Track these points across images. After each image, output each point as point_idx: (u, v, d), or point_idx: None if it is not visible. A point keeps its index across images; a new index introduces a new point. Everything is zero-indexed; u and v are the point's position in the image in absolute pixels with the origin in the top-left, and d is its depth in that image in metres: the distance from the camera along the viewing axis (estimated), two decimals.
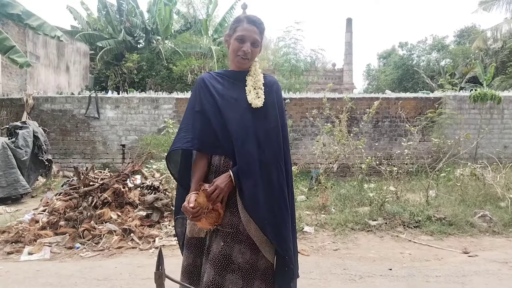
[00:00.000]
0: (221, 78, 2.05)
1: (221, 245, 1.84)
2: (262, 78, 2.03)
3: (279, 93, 2.08)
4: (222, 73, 2.10)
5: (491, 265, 3.77)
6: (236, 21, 2.03)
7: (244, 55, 1.97)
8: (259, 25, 1.99)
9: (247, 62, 2.01)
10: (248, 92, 1.96)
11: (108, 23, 16.45)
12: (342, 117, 6.90)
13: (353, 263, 3.87)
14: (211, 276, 1.81)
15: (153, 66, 15.48)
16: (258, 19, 2.01)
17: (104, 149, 9.88)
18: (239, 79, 2.02)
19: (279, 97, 2.06)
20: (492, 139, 9.88)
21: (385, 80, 24.64)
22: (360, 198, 6.03)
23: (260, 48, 2.04)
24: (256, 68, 2.05)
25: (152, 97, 9.97)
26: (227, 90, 1.97)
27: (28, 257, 4.04)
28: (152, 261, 3.84)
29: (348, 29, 27.32)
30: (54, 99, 9.89)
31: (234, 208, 1.88)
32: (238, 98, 1.96)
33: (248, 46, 1.96)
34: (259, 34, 1.99)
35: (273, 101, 2.00)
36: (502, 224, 5.01)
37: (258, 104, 1.92)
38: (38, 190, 7.58)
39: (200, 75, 2.11)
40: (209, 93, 1.98)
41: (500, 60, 18.48)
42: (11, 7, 8.14)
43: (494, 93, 9.33)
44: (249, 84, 1.99)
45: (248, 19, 1.98)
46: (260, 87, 1.99)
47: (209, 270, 1.83)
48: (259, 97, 1.95)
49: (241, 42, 1.96)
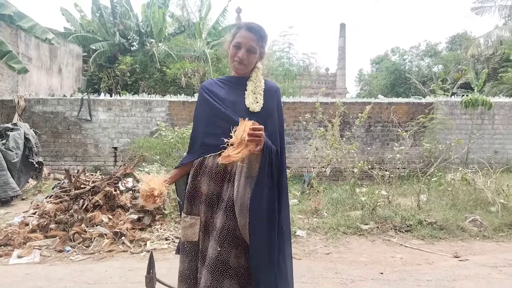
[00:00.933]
0: (222, 83, 2.10)
1: (218, 250, 1.83)
2: (263, 83, 2.05)
3: (280, 100, 2.12)
4: (225, 78, 2.15)
5: (481, 269, 3.80)
6: (236, 28, 2.07)
7: (239, 61, 1.99)
8: (257, 32, 2.00)
9: (243, 68, 2.02)
10: (247, 96, 1.99)
11: (102, 25, 16.39)
12: (335, 121, 6.92)
13: (345, 267, 3.87)
14: (208, 281, 1.81)
15: (146, 68, 15.44)
16: (258, 25, 2.03)
17: (96, 152, 9.82)
18: (240, 84, 2.05)
19: (279, 105, 2.09)
20: (483, 144, 9.98)
21: (377, 85, 24.79)
22: (352, 202, 6.05)
23: (260, 54, 2.05)
24: (258, 74, 2.07)
25: (145, 100, 9.94)
26: (227, 95, 2.02)
27: (17, 260, 3.99)
28: (143, 264, 3.81)
29: (341, 34, 27.50)
30: (46, 101, 9.81)
31: (231, 213, 1.87)
32: (236, 102, 1.98)
33: (243, 53, 1.98)
34: (257, 41, 2.00)
35: (273, 107, 2.03)
36: (493, 228, 5.05)
37: (255, 109, 1.95)
38: (28, 193, 7.50)
39: (202, 83, 2.19)
40: (211, 98, 2.03)
41: (492, 67, 18.70)
42: (3, 7, 8.07)
43: (485, 99, 9.44)
44: (249, 88, 2.01)
45: (247, 26, 2.01)
46: (260, 92, 2.01)
47: (206, 275, 1.82)
48: (258, 102, 1.97)
49: (237, 48, 1.99)
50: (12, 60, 8.48)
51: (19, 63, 8.69)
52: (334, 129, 6.89)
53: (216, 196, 1.93)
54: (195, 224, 1.96)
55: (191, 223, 1.96)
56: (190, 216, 1.98)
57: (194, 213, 1.98)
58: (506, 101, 10.33)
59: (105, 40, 15.99)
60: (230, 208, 1.87)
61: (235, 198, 1.87)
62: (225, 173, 1.92)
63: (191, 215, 1.99)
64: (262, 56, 2.08)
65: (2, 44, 8.28)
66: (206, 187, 1.94)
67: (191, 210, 1.99)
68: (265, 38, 2.04)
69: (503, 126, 10.19)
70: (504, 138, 10.18)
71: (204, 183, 1.95)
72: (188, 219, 1.98)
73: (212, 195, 1.93)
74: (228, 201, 1.88)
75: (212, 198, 1.93)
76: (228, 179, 1.91)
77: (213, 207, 1.93)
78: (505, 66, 17.37)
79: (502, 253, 4.33)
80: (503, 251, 4.39)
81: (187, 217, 1.99)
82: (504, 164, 7.95)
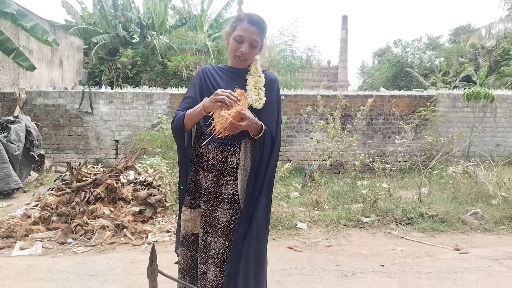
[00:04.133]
0: (222, 72, 2.03)
1: (225, 244, 1.83)
2: (263, 77, 1.99)
3: (279, 91, 2.08)
4: (223, 68, 2.07)
5: (481, 262, 3.81)
6: (237, 19, 1.98)
7: (242, 56, 1.93)
8: (260, 25, 1.93)
9: (244, 63, 1.98)
10: (249, 91, 1.92)
11: (103, 17, 16.34)
12: (336, 114, 6.91)
13: (346, 259, 3.89)
14: (218, 275, 1.81)
15: (147, 61, 15.40)
16: (260, 18, 1.95)
17: (97, 145, 9.83)
18: (239, 75, 2.00)
19: (279, 96, 2.06)
20: (485, 138, 9.95)
21: (379, 78, 24.73)
22: (353, 195, 6.05)
23: (260, 48, 2.01)
24: (257, 67, 2.01)
25: (146, 93, 9.92)
26: (227, 85, 1.93)
27: (19, 252, 4.02)
28: (145, 256, 3.83)
29: (343, 26, 27.29)
30: (47, 94, 9.81)
31: (237, 207, 1.88)
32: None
33: (246, 47, 1.91)
34: (259, 34, 1.94)
35: (274, 99, 1.99)
36: (493, 221, 5.06)
37: (258, 106, 1.90)
38: (30, 185, 7.53)
39: (202, 67, 2.08)
40: (211, 85, 1.95)
41: (494, 59, 18.60)
42: (5, 5, 8.03)
43: (487, 91, 9.39)
44: (250, 83, 1.95)
45: (249, 19, 1.93)
46: (261, 87, 1.95)
47: (215, 269, 1.82)
48: (260, 99, 1.92)
49: (239, 42, 1.92)
50: (19, 57, 8.51)
51: (26, 60, 8.71)
52: (335, 122, 6.88)
53: (213, 189, 1.91)
54: (196, 217, 1.96)
55: (191, 216, 1.96)
56: (190, 210, 1.98)
57: (195, 206, 1.98)
58: (508, 94, 10.28)
59: (106, 33, 15.95)
60: (236, 202, 1.87)
61: (240, 192, 1.87)
62: (223, 166, 1.90)
63: (192, 208, 1.98)
64: (261, 48, 2.03)
65: (8, 41, 8.29)
66: (205, 180, 1.93)
67: (192, 203, 1.99)
68: (266, 30, 1.99)
69: (505, 119, 10.16)
70: (506, 131, 10.15)
71: (203, 176, 1.94)
72: (188, 213, 1.98)
73: (210, 187, 1.92)
74: (232, 195, 1.88)
75: (210, 191, 1.92)
76: (228, 172, 1.90)
77: (211, 200, 1.91)
78: (507, 59, 17.27)
79: (503, 246, 4.33)
80: (504, 244, 4.40)
81: (188, 210, 1.98)
82: (505, 157, 7.92)
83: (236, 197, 1.87)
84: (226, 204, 1.88)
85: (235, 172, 1.89)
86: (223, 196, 1.89)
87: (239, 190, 1.87)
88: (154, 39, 16.07)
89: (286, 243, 4.37)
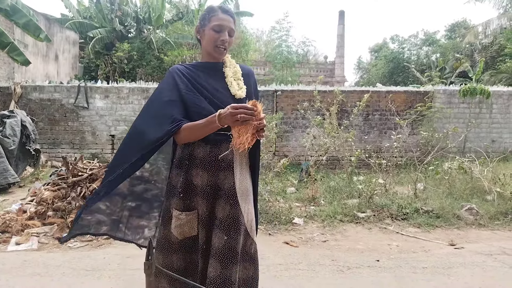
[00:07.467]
0: (196, 69, 2.00)
1: (224, 239, 1.82)
2: (240, 69, 2.05)
3: (255, 82, 2.14)
4: (197, 64, 2.04)
5: (476, 257, 3.83)
6: (210, 10, 1.97)
7: (222, 44, 1.94)
8: (232, 14, 1.99)
9: (224, 53, 1.99)
10: (230, 83, 1.96)
11: (99, 11, 16.19)
12: (333, 109, 6.91)
13: (341, 254, 3.90)
14: (218, 270, 1.80)
15: (144, 56, 15.32)
16: (230, 9, 2.02)
17: (93, 139, 9.80)
18: (216, 70, 2.01)
19: (255, 87, 2.12)
20: (481, 133, 10.00)
21: (376, 74, 24.73)
22: (349, 190, 6.07)
23: (234, 37, 2.04)
24: (230, 60, 2.05)
25: (142, 87, 9.88)
26: (207, 82, 1.93)
27: (15, 247, 4.01)
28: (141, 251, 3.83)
29: (340, 21, 27.26)
30: (43, 88, 9.75)
31: (234, 201, 1.87)
32: (220, 89, 1.94)
33: (226, 35, 1.93)
34: (233, 23, 1.98)
35: (251, 90, 2.05)
36: (488, 217, 5.09)
37: (241, 95, 1.94)
38: (26, 180, 7.50)
39: (171, 68, 2.02)
40: (192, 84, 1.91)
41: (490, 55, 18.64)
42: None
43: (483, 87, 9.43)
44: (229, 75, 1.98)
45: (222, 9, 1.96)
46: (240, 78, 2.00)
47: (214, 264, 1.81)
48: (241, 88, 1.97)
49: (218, 32, 1.92)
50: (14, 51, 8.43)
51: (21, 55, 8.64)
52: (332, 118, 6.88)
53: (211, 186, 1.88)
54: (192, 219, 1.90)
55: (187, 219, 1.89)
56: (185, 213, 1.90)
57: (189, 208, 1.91)
58: (504, 90, 10.33)
59: (103, 27, 15.82)
60: (232, 196, 1.87)
61: (237, 186, 1.88)
62: (219, 162, 1.88)
63: (186, 211, 1.91)
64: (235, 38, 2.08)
65: (3, 35, 8.22)
66: (200, 179, 1.88)
67: (185, 206, 1.91)
68: (235, 21, 2.05)
69: (501, 115, 10.21)
70: (501, 127, 10.20)
71: (197, 176, 1.89)
72: (183, 216, 1.89)
73: (207, 186, 1.88)
74: (229, 190, 1.87)
75: (207, 190, 1.88)
76: (224, 167, 1.89)
77: (209, 198, 1.88)
78: (503, 55, 17.32)
79: (498, 241, 4.37)
80: (498, 239, 4.43)
81: (182, 214, 1.89)
82: (501, 153, 7.97)
83: (234, 191, 1.87)
84: (223, 198, 1.88)
85: (231, 167, 1.89)
86: (221, 191, 1.89)
87: (237, 184, 1.87)
88: (151, 34, 15.98)
89: (282, 238, 4.39)
